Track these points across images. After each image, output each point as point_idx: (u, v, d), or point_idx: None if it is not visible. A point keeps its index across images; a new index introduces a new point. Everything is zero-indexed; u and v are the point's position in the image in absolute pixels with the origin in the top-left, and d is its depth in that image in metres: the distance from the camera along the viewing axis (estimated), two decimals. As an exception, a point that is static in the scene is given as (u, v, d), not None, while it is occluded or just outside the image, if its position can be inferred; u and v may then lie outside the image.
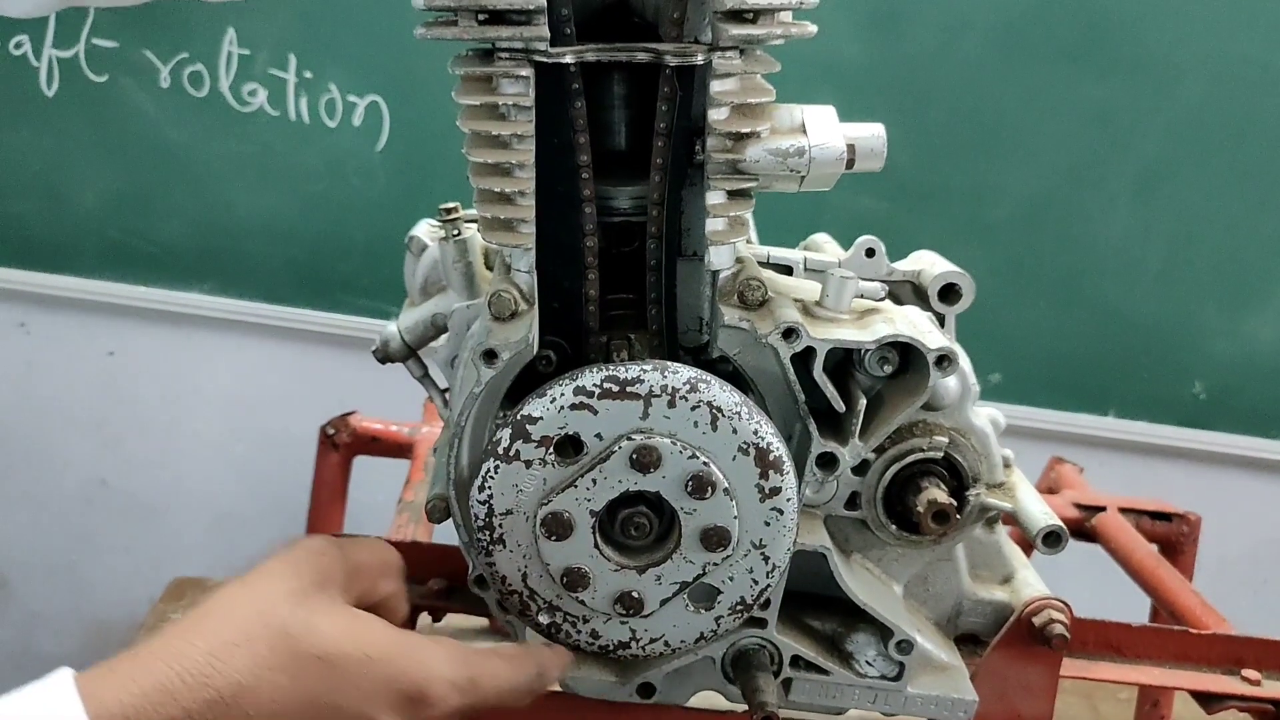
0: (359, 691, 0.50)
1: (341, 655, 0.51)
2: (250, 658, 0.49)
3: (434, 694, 0.53)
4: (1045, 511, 0.68)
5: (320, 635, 0.51)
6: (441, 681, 0.53)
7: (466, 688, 0.55)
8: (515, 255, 0.64)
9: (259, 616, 0.51)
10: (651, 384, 0.58)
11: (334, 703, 0.50)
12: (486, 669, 0.57)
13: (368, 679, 0.51)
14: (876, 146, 0.63)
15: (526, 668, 0.60)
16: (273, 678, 0.48)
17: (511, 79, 0.59)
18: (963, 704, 0.69)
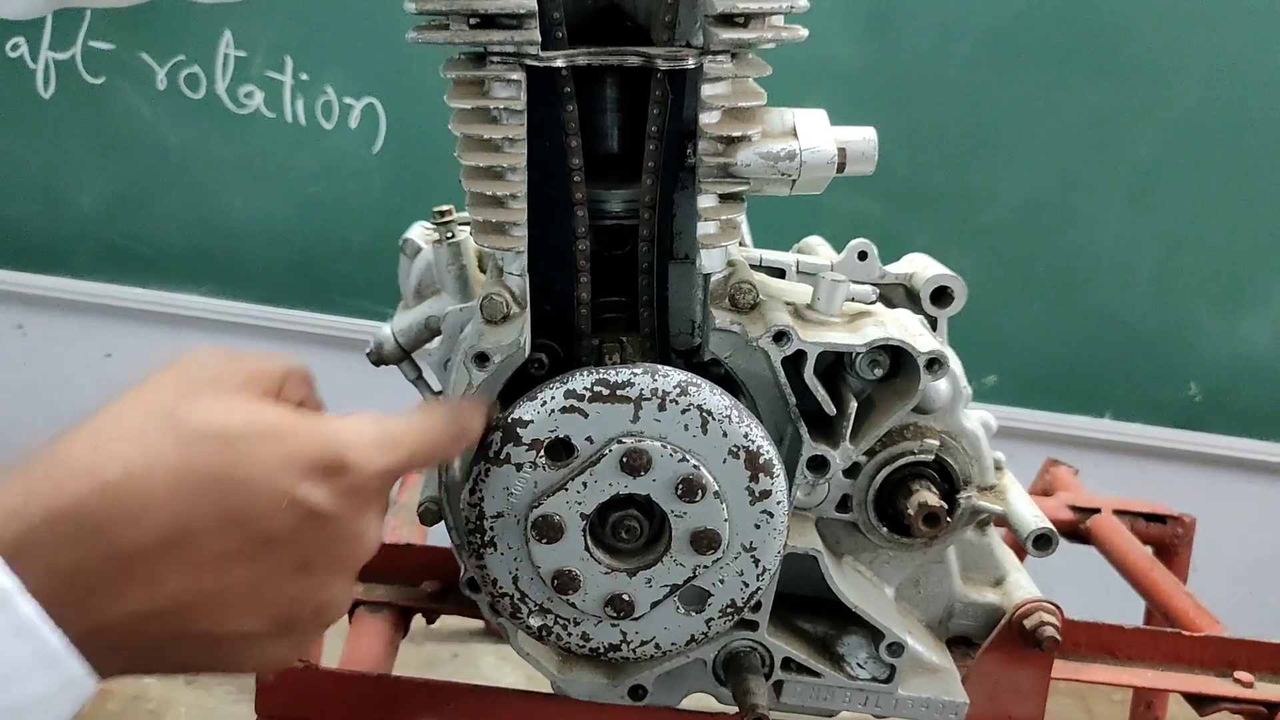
0: (266, 464, 0.45)
1: (240, 431, 0.45)
2: (139, 445, 0.44)
3: (353, 456, 0.47)
4: (1036, 514, 0.68)
5: (215, 414, 0.46)
6: (359, 442, 0.48)
7: (387, 444, 0.49)
8: (507, 258, 0.64)
9: (145, 410, 0.46)
10: (642, 387, 0.58)
11: (240, 476, 0.44)
12: (403, 425, 0.52)
13: (274, 451, 0.46)
14: (868, 150, 0.63)
15: (445, 419, 0.55)
16: (165, 460, 0.44)
17: (503, 83, 0.59)
18: (953, 706, 0.69)
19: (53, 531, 0.41)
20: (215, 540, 0.44)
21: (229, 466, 0.44)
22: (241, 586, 0.45)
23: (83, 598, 0.42)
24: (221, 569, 0.44)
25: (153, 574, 0.43)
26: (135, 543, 0.42)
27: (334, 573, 0.48)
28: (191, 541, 0.43)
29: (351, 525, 0.48)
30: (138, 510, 0.42)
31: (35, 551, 0.41)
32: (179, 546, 0.43)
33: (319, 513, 0.46)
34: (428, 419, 0.54)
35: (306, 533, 0.46)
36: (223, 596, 0.45)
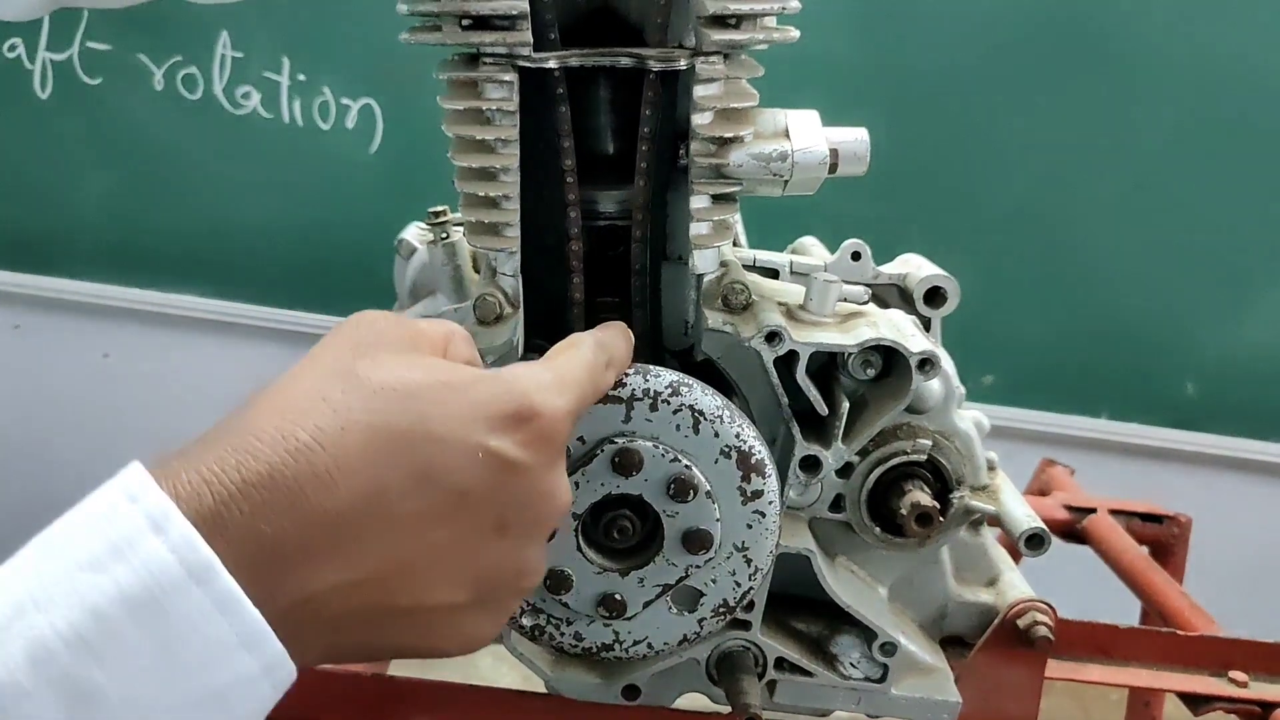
0: (456, 417, 0.43)
1: (424, 384, 0.44)
2: (327, 406, 0.42)
3: (538, 401, 0.46)
4: (1028, 514, 0.68)
5: (396, 371, 0.44)
6: (540, 387, 0.47)
7: (566, 385, 0.48)
8: (500, 259, 0.64)
9: (326, 372, 0.44)
10: (634, 387, 0.58)
11: (431, 431, 0.43)
12: (569, 362, 0.51)
13: (461, 402, 0.44)
14: (860, 151, 0.63)
15: (596, 348, 0.54)
16: (355, 419, 0.42)
17: (495, 84, 0.59)
18: (946, 706, 0.69)
19: (249, 500, 0.39)
20: (412, 499, 0.42)
21: (419, 422, 0.43)
22: (441, 550, 0.43)
23: (283, 570, 0.40)
24: (420, 530, 0.43)
25: (352, 539, 0.41)
26: (333, 507, 0.40)
27: (530, 532, 0.47)
28: (389, 502, 0.42)
29: (545, 478, 0.46)
30: (333, 473, 0.40)
31: (233, 522, 0.39)
32: (377, 508, 0.41)
33: (513, 463, 0.44)
34: (584, 353, 0.53)
35: (502, 487, 0.44)
36: (424, 562, 0.43)
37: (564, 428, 0.48)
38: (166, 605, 0.37)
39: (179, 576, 0.37)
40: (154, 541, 0.37)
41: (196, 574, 0.37)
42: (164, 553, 0.37)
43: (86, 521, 0.38)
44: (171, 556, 0.37)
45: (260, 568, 0.39)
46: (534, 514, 0.46)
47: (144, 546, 0.37)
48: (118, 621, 0.36)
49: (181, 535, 0.37)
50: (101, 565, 0.37)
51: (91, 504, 0.39)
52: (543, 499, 0.46)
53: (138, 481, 0.39)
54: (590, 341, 0.54)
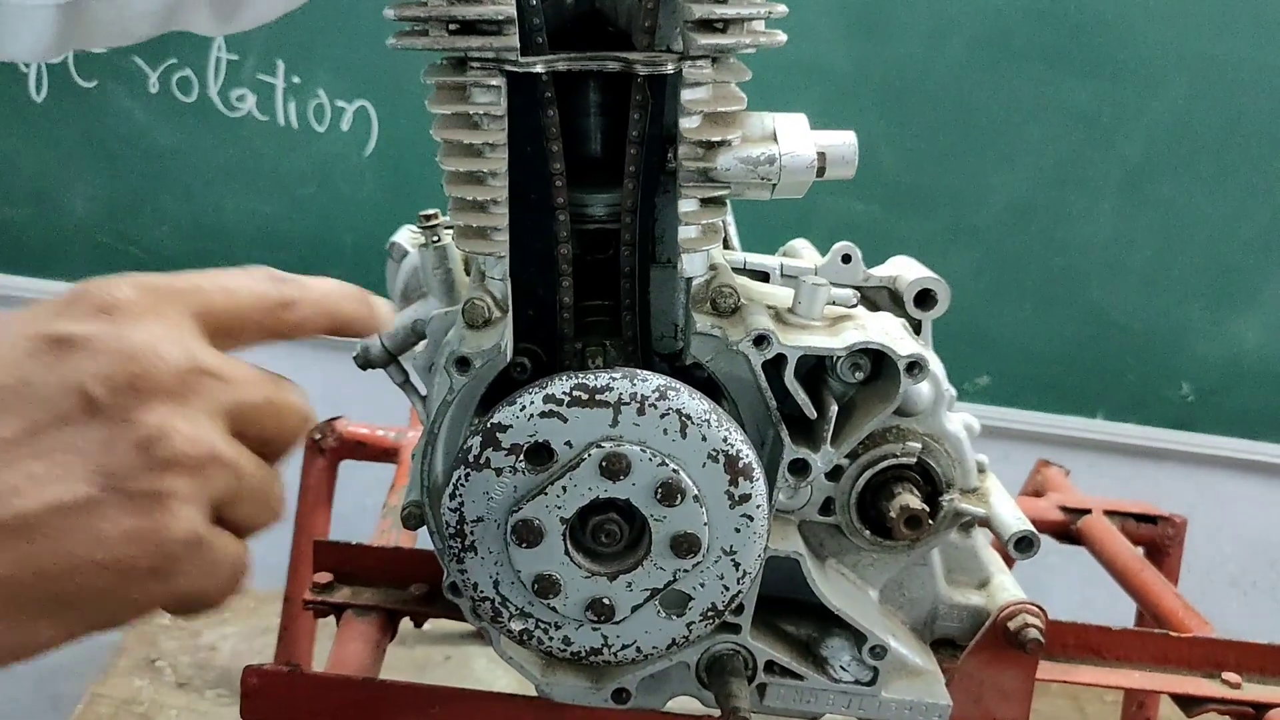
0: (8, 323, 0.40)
1: None
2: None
3: (90, 285, 0.42)
4: (1018, 516, 0.68)
5: None
6: (101, 282, 0.42)
7: (139, 280, 0.43)
8: (489, 263, 0.64)
9: None
10: (620, 391, 0.58)
11: None
12: None
13: (8, 317, 0.40)
14: (847, 154, 0.63)
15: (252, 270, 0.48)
16: None
17: (483, 88, 0.59)
18: (936, 708, 0.69)
19: None
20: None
21: None
22: (23, 443, 0.38)
23: None
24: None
25: None
26: None
27: (129, 398, 0.39)
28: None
29: (118, 342, 0.40)
30: None
31: None
32: None
33: (69, 338, 0.39)
34: (227, 274, 0.47)
35: (63, 362, 0.39)
36: (7, 463, 0.38)
37: (129, 296, 0.42)
38: None
39: None
40: None
41: None
42: None
43: None
44: None
45: None
46: (122, 378, 0.39)
47: None
48: None
49: None
50: None
51: None
52: (124, 359, 0.40)
53: None
54: (267, 269, 0.49)
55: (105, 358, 0.39)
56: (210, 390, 0.41)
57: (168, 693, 1.52)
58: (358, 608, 0.85)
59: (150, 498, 0.39)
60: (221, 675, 1.57)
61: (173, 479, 0.39)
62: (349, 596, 0.85)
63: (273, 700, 0.75)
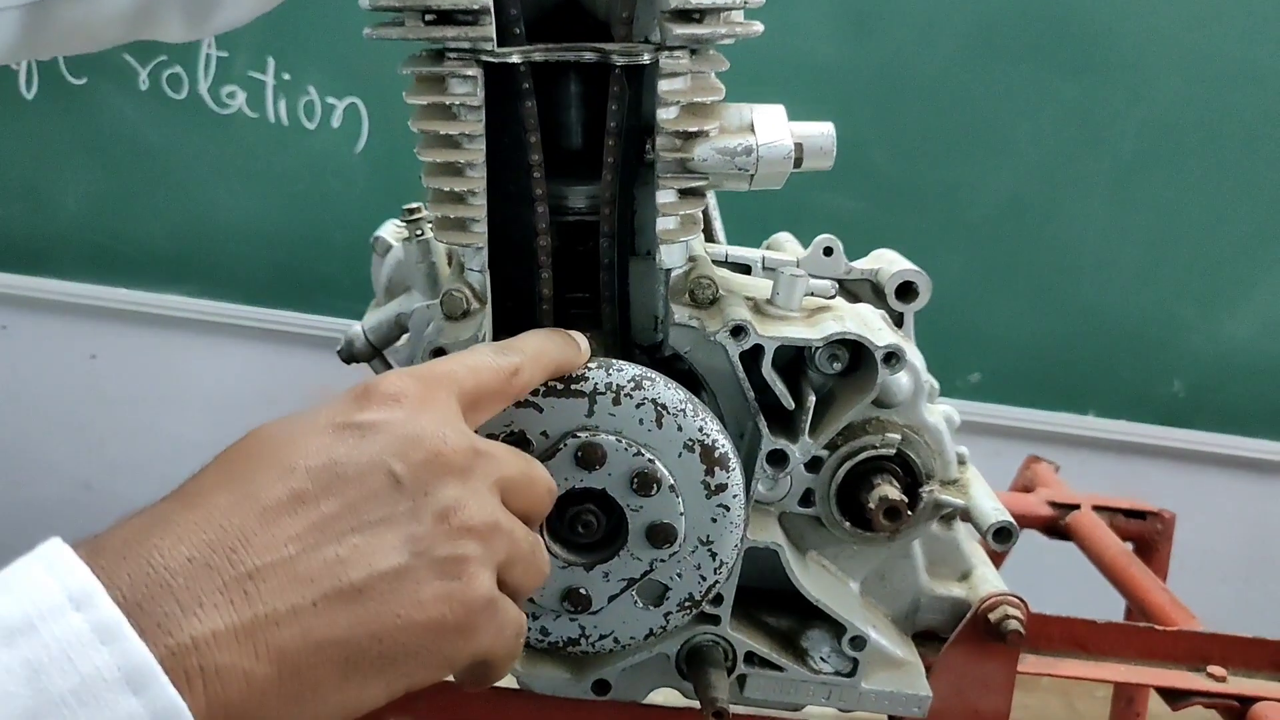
0: (300, 419, 0.45)
1: (279, 421, 0.45)
2: None
3: (376, 379, 0.47)
4: (996, 507, 0.68)
5: None
6: (382, 377, 0.47)
7: (412, 370, 0.48)
8: (468, 254, 0.64)
9: None
10: (596, 381, 0.58)
11: (276, 438, 0.44)
12: (432, 361, 0.51)
13: (304, 413, 0.45)
14: (825, 145, 0.63)
15: (488, 346, 0.54)
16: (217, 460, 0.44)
17: (460, 79, 0.59)
18: (916, 699, 0.69)
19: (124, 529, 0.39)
20: (282, 491, 0.41)
21: (267, 440, 0.44)
22: (344, 520, 0.42)
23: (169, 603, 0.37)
24: (307, 513, 0.41)
25: (245, 553, 0.39)
26: (218, 527, 0.40)
27: (428, 475, 0.44)
28: (255, 513, 0.40)
29: (409, 426, 0.45)
30: (169, 542, 0.39)
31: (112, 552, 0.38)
32: (252, 517, 0.40)
33: (366, 424, 0.44)
34: (473, 351, 0.54)
35: (366, 446, 0.44)
36: (331, 538, 0.41)
37: (410, 387, 0.47)
38: (40, 628, 0.35)
39: (58, 600, 0.35)
40: (36, 568, 0.36)
41: (76, 599, 0.36)
42: (45, 578, 0.36)
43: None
44: (51, 580, 0.36)
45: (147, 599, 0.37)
46: (419, 457, 0.44)
47: (28, 577, 0.36)
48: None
49: (62, 561, 0.37)
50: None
51: None
52: (417, 440, 0.45)
53: (56, 542, 0.38)
54: (496, 343, 0.55)
55: (401, 440, 0.44)
56: (484, 466, 0.47)
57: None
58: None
59: (453, 562, 0.44)
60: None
61: (468, 545, 0.44)
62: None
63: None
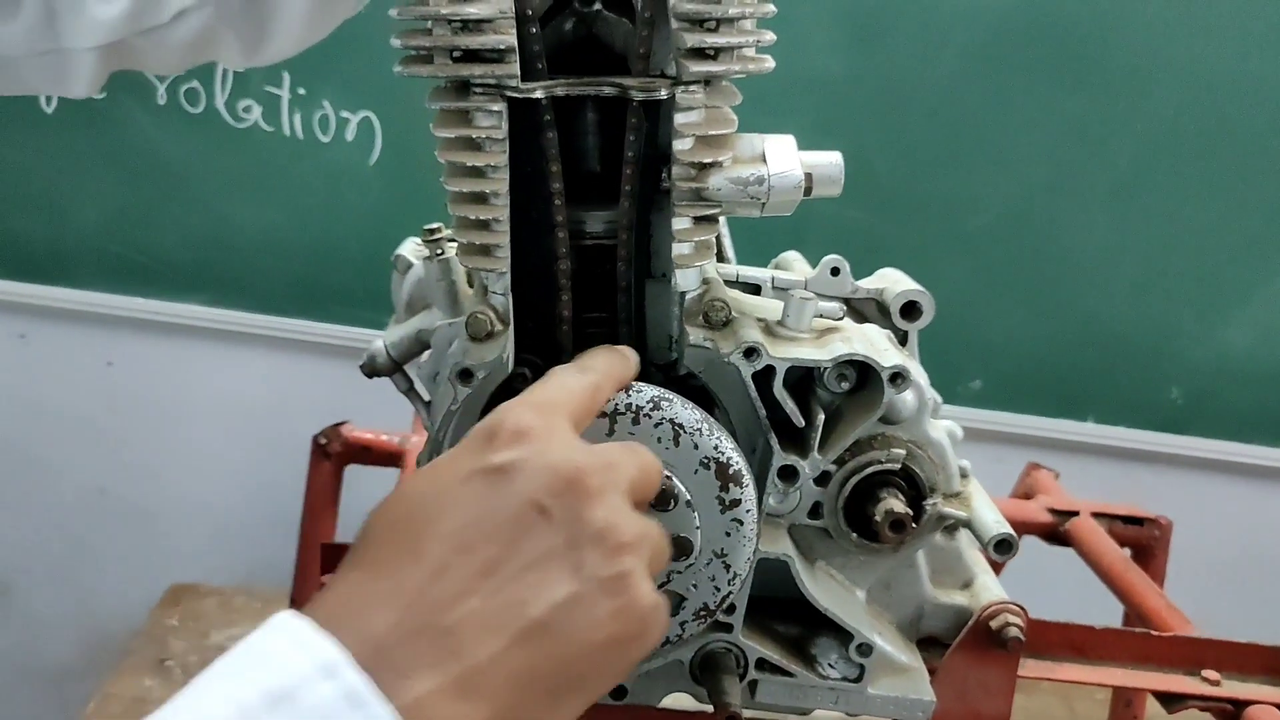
0: (441, 468, 0.49)
1: (418, 473, 0.50)
2: None
3: (501, 414, 0.50)
4: (998, 520, 0.71)
5: None
6: (503, 409, 0.51)
7: (527, 399, 0.53)
8: (491, 279, 0.67)
9: None
10: (616, 402, 0.61)
11: (426, 492, 0.48)
12: (535, 386, 0.56)
13: (442, 460, 0.49)
14: (834, 174, 0.66)
15: (570, 366, 0.59)
16: (369, 523, 0.48)
17: (485, 113, 0.62)
18: (921, 704, 0.72)
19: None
20: (445, 549, 0.45)
21: (416, 502, 0.47)
22: (510, 562, 0.45)
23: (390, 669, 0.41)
24: (473, 564, 0.45)
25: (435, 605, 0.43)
26: (410, 587, 0.44)
27: (574, 502, 0.47)
28: (428, 573, 0.44)
29: (545, 458, 0.48)
30: (378, 613, 0.43)
31: None
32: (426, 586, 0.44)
33: (504, 466, 0.47)
34: (561, 373, 0.58)
35: (509, 486, 0.47)
36: (507, 581, 0.45)
37: (535, 420, 0.50)
38: (299, 697, 0.39)
39: (308, 671, 0.39)
40: (281, 642, 0.41)
41: (325, 669, 0.40)
42: (294, 651, 0.40)
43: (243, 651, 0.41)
44: (300, 653, 0.40)
45: None
46: (561, 485, 0.47)
47: (278, 650, 0.40)
48: (256, 712, 0.38)
49: (305, 635, 0.41)
50: (242, 674, 0.40)
51: None
52: (556, 470, 0.48)
53: (288, 617, 0.42)
54: (572, 364, 0.59)
55: (540, 474, 0.47)
56: (614, 477, 0.50)
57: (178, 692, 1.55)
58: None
59: (618, 579, 0.47)
60: (229, 675, 1.59)
61: (627, 560, 0.47)
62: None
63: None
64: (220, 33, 0.64)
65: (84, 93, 0.66)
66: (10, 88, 0.66)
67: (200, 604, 1.77)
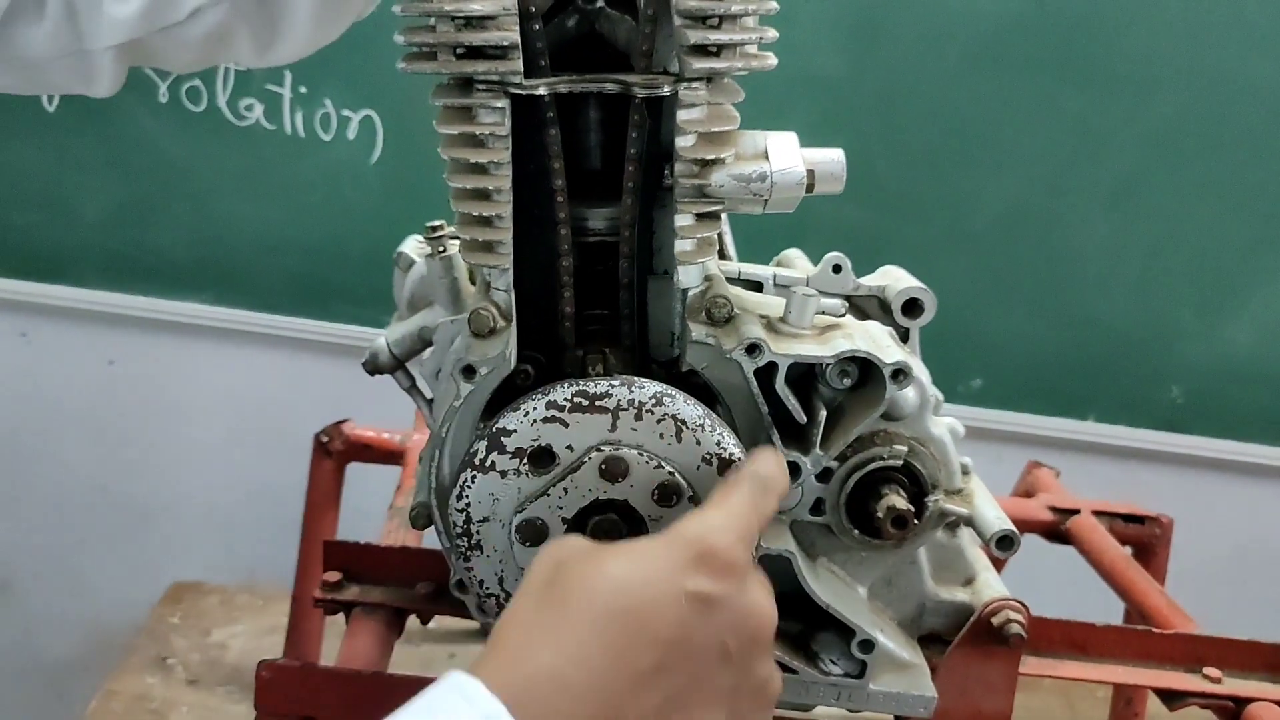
0: (656, 582, 0.50)
1: (626, 572, 0.51)
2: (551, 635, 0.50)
3: (714, 541, 0.52)
4: (999, 516, 0.71)
5: (599, 572, 0.51)
6: (711, 530, 0.53)
7: (736, 522, 0.55)
8: (494, 275, 0.67)
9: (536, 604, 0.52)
10: (619, 398, 0.61)
11: (641, 603, 0.49)
12: (739, 501, 0.57)
13: (655, 568, 0.51)
14: (836, 170, 0.66)
15: (748, 479, 0.60)
16: (583, 640, 0.49)
17: (488, 109, 0.62)
18: (923, 700, 0.72)
19: None
20: (648, 663, 0.48)
21: (632, 604, 0.49)
22: (689, 693, 0.49)
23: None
24: (664, 685, 0.48)
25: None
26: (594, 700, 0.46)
27: (751, 650, 0.52)
28: (628, 681, 0.47)
29: (741, 600, 0.52)
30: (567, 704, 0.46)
31: None
32: (626, 685, 0.47)
33: (710, 597, 0.50)
34: (743, 488, 0.59)
35: (710, 619, 0.50)
36: (680, 702, 0.49)
37: (742, 555, 0.53)
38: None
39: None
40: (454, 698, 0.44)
41: None
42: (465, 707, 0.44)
43: None
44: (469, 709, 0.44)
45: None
46: (747, 633, 0.51)
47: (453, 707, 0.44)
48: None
49: (477, 693, 0.44)
50: None
51: None
52: (748, 617, 0.52)
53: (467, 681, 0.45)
54: (747, 475, 0.60)
55: (736, 617, 0.51)
56: (771, 634, 0.54)
57: (179, 690, 1.55)
58: (366, 605, 0.87)
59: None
60: (232, 673, 1.60)
61: (769, 710, 0.54)
62: (358, 594, 0.88)
63: (285, 694, 0.78)
64: (235, 30, 0.65)
65: (107, 92, 0.67)
66: (41, 88, 0.68)
67: (202, 602, 1.78)
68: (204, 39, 0.65)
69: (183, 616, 1.73)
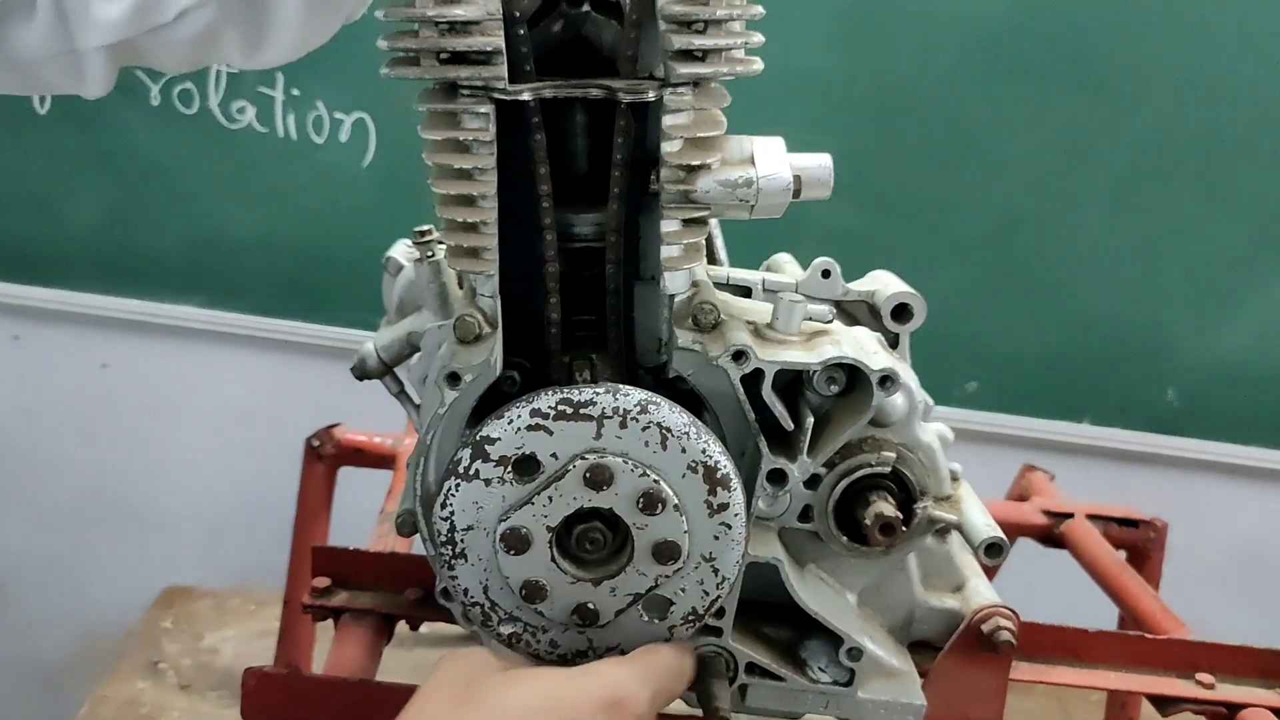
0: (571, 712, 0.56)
1: (528, 703, 0.56)
2: None
3: (625, 691, 0.58)
4: (988, 523, 0.71)
5: (506, 695, 0.57)
6: (626, 679, 0.59)
7: (649, 676, 0.60)
8: (480, 281, 0.66)
9: None
10: (604, 406, 0.61)
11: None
12: (654, 661, 0.62)
13: (562, 704, 0.56)
14: (823, 176, 0.66)
15: (670, 649, 0.65)
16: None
17: (472, 115, 0.62)
18: (911, 708, 0.72)
19: None
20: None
21: (545, 697, 0.56)
22: None
23: None
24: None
25: None
26: None
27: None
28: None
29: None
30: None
31: None
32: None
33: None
34: (672, 655, 0.64)
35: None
36: None
37: (649, 714, 0.59)
38: None
39: None
40: None
41: None
42: None
43: None
44: None
45: None
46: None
47: None
48: None
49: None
50: None
51: None
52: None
53: None
54: (673, 647, 0.65)
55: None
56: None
57: (170, 695, 1.55)
58: (355, 611, 0.87)
59: None
60: (223, 677, 1.59)
61: None
62: (347, 600, 0.88)
63: (271, 701, 0.78)
64: (223, 32, 0.65)
65: (98, 92, 0.68)
66: (33, 88, 0.69)
67: (194, 606, 1.77)
68: (192, 40, 0.65)
69: (175, 621, 1.73)
